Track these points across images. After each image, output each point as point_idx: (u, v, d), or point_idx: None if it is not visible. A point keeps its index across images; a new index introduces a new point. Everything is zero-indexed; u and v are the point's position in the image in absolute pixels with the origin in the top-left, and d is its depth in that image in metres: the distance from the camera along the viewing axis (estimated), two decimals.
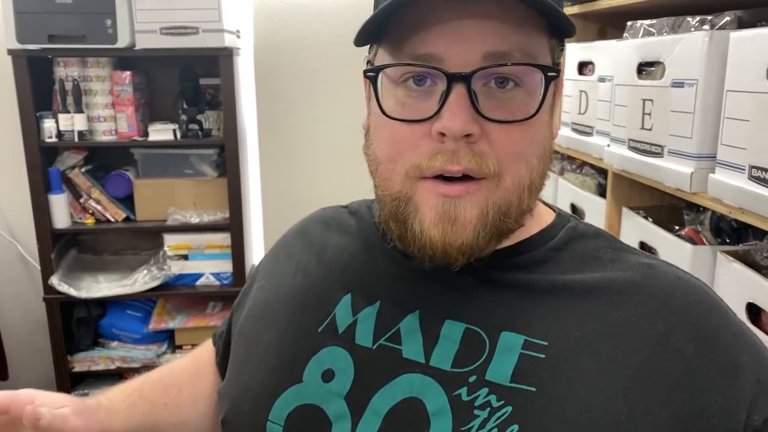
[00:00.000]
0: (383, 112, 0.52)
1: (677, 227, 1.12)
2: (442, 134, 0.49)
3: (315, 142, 2.39)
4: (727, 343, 0.51)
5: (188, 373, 0.75)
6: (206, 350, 0.77)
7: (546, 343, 0.51)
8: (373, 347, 0.55)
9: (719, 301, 0.55)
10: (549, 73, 0.50)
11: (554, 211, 0.63)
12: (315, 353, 0.57)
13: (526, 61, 0.49)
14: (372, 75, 0.53)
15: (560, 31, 0.52)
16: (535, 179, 0.53)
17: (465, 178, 0.50)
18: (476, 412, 0.49)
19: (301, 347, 0.58)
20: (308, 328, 0.59)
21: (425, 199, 0.51)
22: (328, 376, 0.56)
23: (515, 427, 0.48)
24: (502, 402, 0.49)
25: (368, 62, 0.56)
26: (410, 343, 0.54)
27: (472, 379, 0.51)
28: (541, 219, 0.60)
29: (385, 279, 0.59)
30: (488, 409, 0.49)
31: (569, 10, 1.46)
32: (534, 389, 0.49)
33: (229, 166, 2.06)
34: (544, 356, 0.51)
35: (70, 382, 2.19)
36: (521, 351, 0.51)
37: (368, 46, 0.56)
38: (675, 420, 0.48)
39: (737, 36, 0.85)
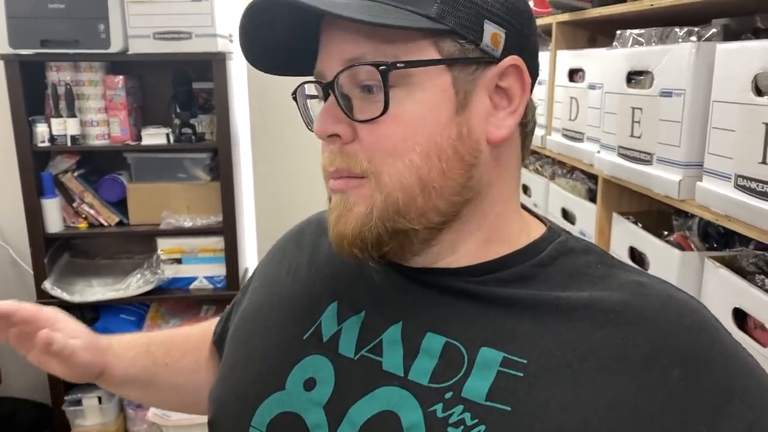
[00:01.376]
0: (307, 126, 0.59)
1: (666, 233, 1.14)
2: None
3: (307, 145, 2.40)
4: (718, 368, 0.49)
5: (194, 341, 0.79)
6: (215, 324, 0.80)
7: (525, 361, 0.50)
8: (355, 358, 0.56)
9: (713, 322, 0.52)
10: (381, 69, 0.50)
11: (545, 224, 0.61)
12: (299, 361, 0.58)
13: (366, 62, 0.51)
14: (294, 96, 0.60)
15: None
16: (427, 179, 0.52)
17: (344, 177, 0.54)
18: (450, 429, 0.49)
19: (286, 354, 0.59)
20: (294, 334, 0.60)
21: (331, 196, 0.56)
22: (309, 384, 0.56)
23: None
24: (476, 420, 0.48)
25: None
26: (391, 355, 0.54)
27: (448, 395, 0.50)
28: (529, 232, 0.59)
29: (372, 289, 0.59)
30: (462, 427, 0.49)
31: (560, 17, 1.48)
32: (509, 408, 0.48)
33: (222, 169, 2.07)
34: (522, 375, 0.50)
35: (63, 385, 2.19)
36: (499, 368, 0.50)
37: None
38: None
39: (723, 48, 0.87)
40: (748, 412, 0.48)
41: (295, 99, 0.59)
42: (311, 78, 0.57)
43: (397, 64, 0.50)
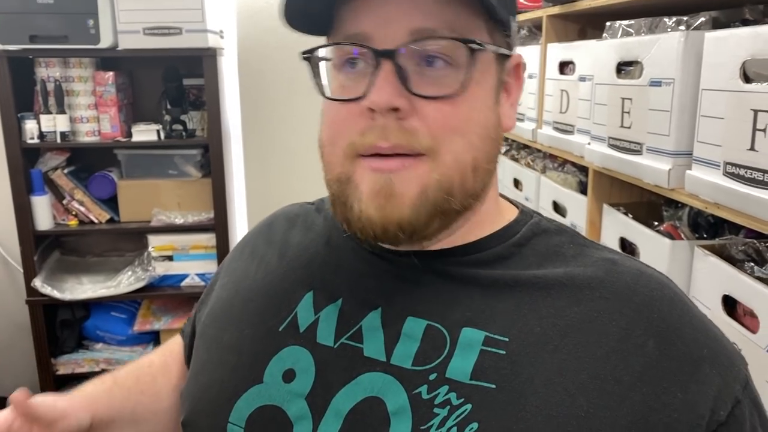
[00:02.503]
0: (322, 94, 0.53)
1: (656, 223, 1.15)
2: (372, 110, 0.50)
3: (299, 141, 2.40)
4: (689, 338, 0.51)
5: (159, 364, 0.74)
6: (175, 343, 0.77)
7: (507, 339, 0.51)
8: (335, 346, 0.55)
9: (681, 296, 0.55)
10: (472, 46, 0.50)
11: (517, 207, 0.63)
12: (276, 353, 0.56)
13: (451, 37, 0.50)
14: (307, 57, 0.54)
15: (492, 9, 0.52)
16: (479, 160, 0.53)
17: (400, 155, 0.50)
18: (436, 410, 0.49)
19: (262, 346, 0.57)
20: (269, 326, 0.59)
21: (362, 176, 0.51)
22: (289, 376, 0.55)
23: (475, 425, 0.48)
24: (462, 400, 0.49)
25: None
26: (372, 342, 0.54)
27: (432, 377, 0.51)
28: (504, 215, 0.60)
29: (348, 276, 0.59)
30: (448, 407, 0.49)
31: (550, 10, 1.48)
32: (494, 386, 0.49)
33: (213, 166, 2.06)
34: (504, 352, 0.50)
35: (54, 385, 2.17)
36: (482, 347, 0.51)
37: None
38: (636, 415, 0.47)
39: (712, 36, 0.87)
40: (717, 378, 0.50)
41: (308, 59, 0.54)
42: (329, 39, 0.53)
43: (483, 46, 0.51)
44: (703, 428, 0.48)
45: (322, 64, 0.54)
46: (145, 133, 2.07)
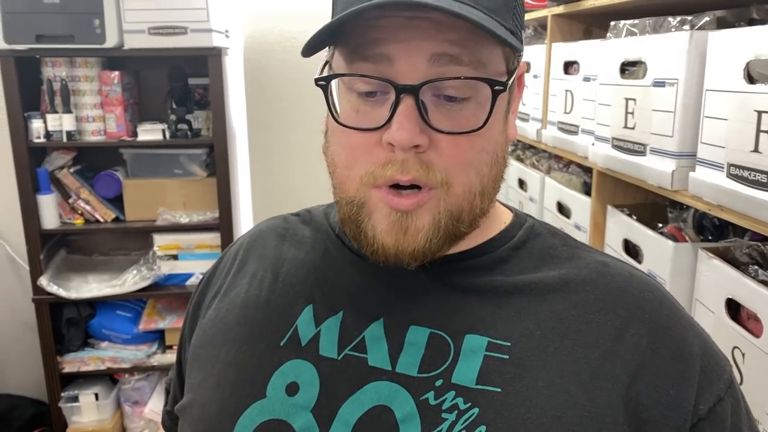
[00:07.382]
0: (336, 120, 0.53)
1: (660, 225, 1.14)
2: (392, 144, 0.50)
3: (304, 141, 2.40)
4: (678, 337, 0.54)
5: None
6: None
7: (509, 344, 0.52)
8: (339, 358, 0.55)
9: (669, 296, 0.58)
10: (496, 87, 0.50)
11: (511, 211, 0.64)
12: (278, 367, 0.56)
13: (474, 72, 0.49)
14: (323, 84, 0.53)
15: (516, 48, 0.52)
16: (487, 185, 0.54)
17: (415, 186, 0.51)
18: (444, 415, 0.50)
19: (262, 362, 0.57)
20: (269, 342, 0.58)
21: (378, 207, 0.52)
22: (292, 389, 0.55)
23: (483, 427, 0.49)
24: (469, 404, 0.50)
25: (326, 63, 0.56)
26: (376, 351, 0.55)
27: (438, 383, 0.52)
28: (499, 220, 0.61)
29: (347, 288, 0.59)
30: (456, 411, 0.50)
31: (555, 10, 1.47)
32: (499, 390, 0.51)
33: (218, 165, 2.07)
34: (507, 357, 0.52)
35: (59, 383, 2.18)
36: (485, 353, 0.52)
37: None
38: (632, 413, 0.50)
39: (716, 35, 0.86)
40: (702, 375, 0.53)
41: (321, 86, 0.53)
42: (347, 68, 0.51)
43: (505, 87, 0.51)
44: (689, 423, 0.50)
45: (334, 84, 0.54)
46: (150, 132, 2.07)
